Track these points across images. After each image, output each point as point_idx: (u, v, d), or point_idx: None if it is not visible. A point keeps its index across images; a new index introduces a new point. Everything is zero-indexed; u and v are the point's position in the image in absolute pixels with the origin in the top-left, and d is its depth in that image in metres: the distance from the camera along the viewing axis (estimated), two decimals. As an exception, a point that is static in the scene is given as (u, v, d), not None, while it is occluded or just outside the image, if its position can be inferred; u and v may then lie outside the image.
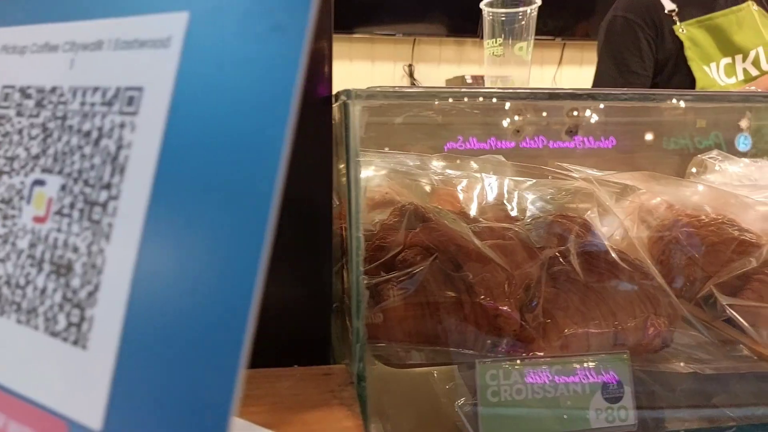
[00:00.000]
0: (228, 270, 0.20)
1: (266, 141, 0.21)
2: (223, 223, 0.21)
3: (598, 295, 0.62)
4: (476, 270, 0.61)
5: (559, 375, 0.53)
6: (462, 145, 1.69)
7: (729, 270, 0.70)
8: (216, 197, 0.21)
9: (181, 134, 0.23)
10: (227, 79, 0.22)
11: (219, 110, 0.22)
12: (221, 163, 0.21)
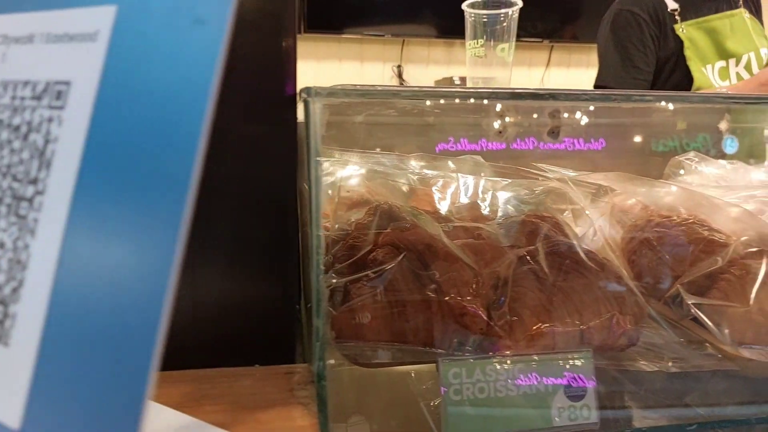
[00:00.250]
0: (144, 264, 0.20)
1: (183, 135, 0.20)
2: (140, 217, 0.21)
3: (565, 293, 0.63)
4: (444, 269, 0.61)
5: (522, 373, 0.53)
6: (453, 146, 1.70)
7: (696, 270, 0.71)
8: (135, 192, 0.21)
9: (105, 129, 0.23)
10: (151, 72, 0.22)
11: (141, 104, 0.22)
12: (141, 158, 0.21)
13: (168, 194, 0.20)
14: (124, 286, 0.21)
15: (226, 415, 0.41)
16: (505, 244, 0.69)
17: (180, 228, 0.20)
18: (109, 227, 0.22)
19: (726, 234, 0.79)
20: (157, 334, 0.20)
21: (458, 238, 0.71)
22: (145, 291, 0.20)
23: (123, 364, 0.20)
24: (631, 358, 0.64)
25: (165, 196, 0.21)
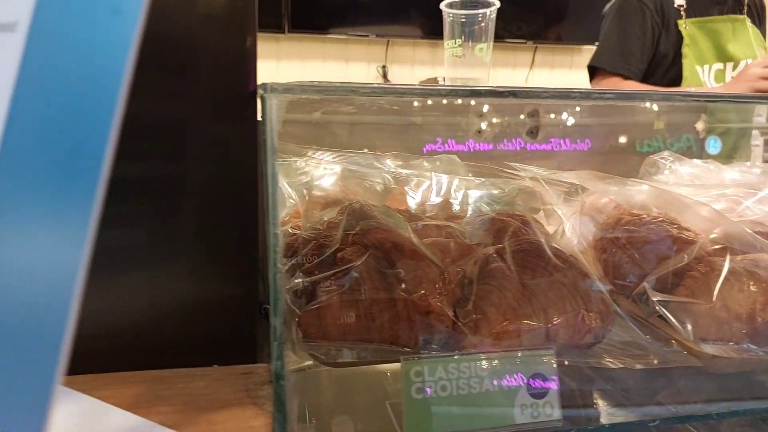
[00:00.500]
0: (54, 256, 0.20)
1: (96, 125, 0.20)
2: (54, 209, 0.20)
3: (531, 291, 0.63)
4: (409, 267, 0.61)
5: (484, 371, 0.53)
6: (441, 146, 1.70)
7: (663, 267, 0.72)
8: (49, 183, 0.21)
9: (22, 120, 0.22)
10: (69, 63, 0.22)
11: (58, 95, 0.22)
12: (57, 149, 0.21)
13: (80, 183, 0.20)
14: (33, 280, 0.20)
15: (178, 415, 0.40)
16: (474, 243, 0.70)
17: (91, 217, 0.20)
18: (22, 219, 0.21)
19: (695, 232, 0.80)
20: (64, 327, 0.20)
21: (427, 237, 0.71)
22: (54, 284, 0.20)
23: (30, 357, 0.20)
24: (597, 356, 0.65)
25: (77, 187, 0.20)
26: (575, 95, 0.71)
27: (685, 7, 1.78)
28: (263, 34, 3.73)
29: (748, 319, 0.63)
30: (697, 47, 1.80)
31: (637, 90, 1.59)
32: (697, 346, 0.62)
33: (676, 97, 0.65)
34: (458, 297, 0.64)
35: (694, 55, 1.83)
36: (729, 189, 1.10)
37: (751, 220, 0.90)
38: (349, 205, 0.81)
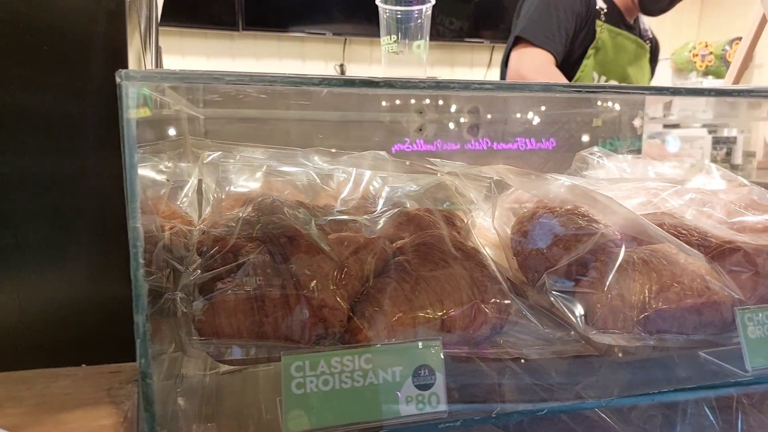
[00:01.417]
0: None
1: None
2: None
3: (428, 283, 0.63)
4: (303, 262, 0.60)
5: (369, 364, 0.53)
6: (409, 147, 1.70)
7: (565, 259, 0.73)
8: None
9: None
10: None
11: None
12: None
13: None
14: None
15: (25, 417, 0.38)
16: (380, 236, 0.69)
17: None
18: None
19: (605, 225, 0.82)
20: None
21: (333, 231, 0.70)
22: None
23: None
24: (498, 346, 0.65)
25: None
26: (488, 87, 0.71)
27: (605, 11, 1.82)
28: (216, 31, 3.67)
29: (641, 307, 0.64)
30: (605, 53, 1.84)
31: (590, 84, 1.62)
32: (589, 335, 0.63)
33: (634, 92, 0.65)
34: (357, 291, 0.63)
35: (598, 60, 1.87)
36: (651, 182, 1.13)
37: (662, 212, 0.93)
38: (259, 201, 0.80)
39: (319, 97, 1.54)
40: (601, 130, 1.79)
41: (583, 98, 1.52)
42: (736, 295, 0.67)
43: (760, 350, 0.65)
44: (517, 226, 0.89)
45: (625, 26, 1.86)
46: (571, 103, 1.64)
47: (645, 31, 1.98)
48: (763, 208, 1.05)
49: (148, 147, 0.83)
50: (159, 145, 0.85)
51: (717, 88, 0.62)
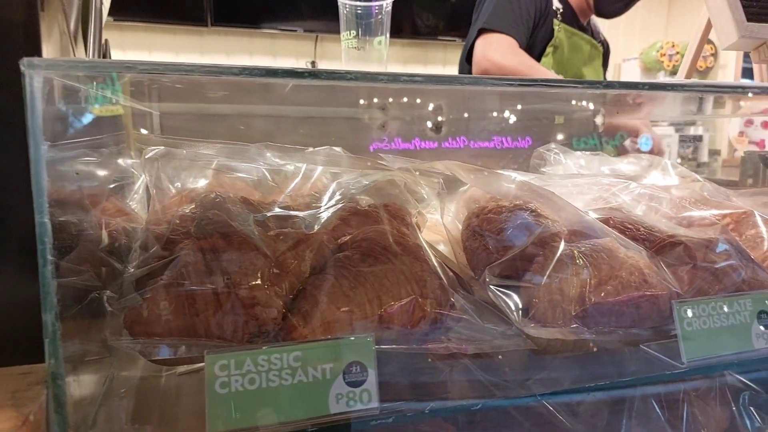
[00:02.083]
0: None
1: None
2: None
3: (367, 279, 0.62)
4: (235, 259, 0.59)
5: (298, 361, 0.52)
6: (387, 145, 1.69)
7: (508, 254, 0.73)
8: None
9: None
10: None
11: None
12: None
13: None
14: None
15: None
16: (320, 232, 0.68)
17: None
18: None
19: (552, 220, 0.82)
20: None
21: (275, 227, 0.69)
22: None
23: None
24: (437, 341, 0.65)
25: None
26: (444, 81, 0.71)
27: (561, 11, 1.84)
28: (185, 27, 3.61)
29: (579, 301, 0.65)
30: (562, 53, 1.86)
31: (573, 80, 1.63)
32: (526, 329, 0.63)
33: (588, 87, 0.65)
34: (295, 288, 0.62)
35: (556, 58, 1.89)
36: (604, 179, 1.15)
37: (611, 207, 0.94)
38: (202, 198, 0.78)
39: (282, 94, 1.52)
40: (576, 128, 1.81)
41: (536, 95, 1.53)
42: (674, 288, 0.67)
43: (695, 343, 0.66)
44: (466, 221, 0.89)
45: (579, 27, 1.88)
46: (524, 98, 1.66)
47: (597, 34, 2.01)
48: (712, 204, 1.07)
49: (86, 142, 0.81)
50: (100, 140, 0.82)
51: (650, 82, 0.62)
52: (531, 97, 1.65)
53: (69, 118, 0.63)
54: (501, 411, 0.87)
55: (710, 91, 0.56)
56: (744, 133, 4.31)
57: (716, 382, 0.97)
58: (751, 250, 0.94)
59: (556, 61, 1.83)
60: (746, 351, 0.69)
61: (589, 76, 1.92)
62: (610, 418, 0.84)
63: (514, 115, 1.78)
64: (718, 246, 0.74)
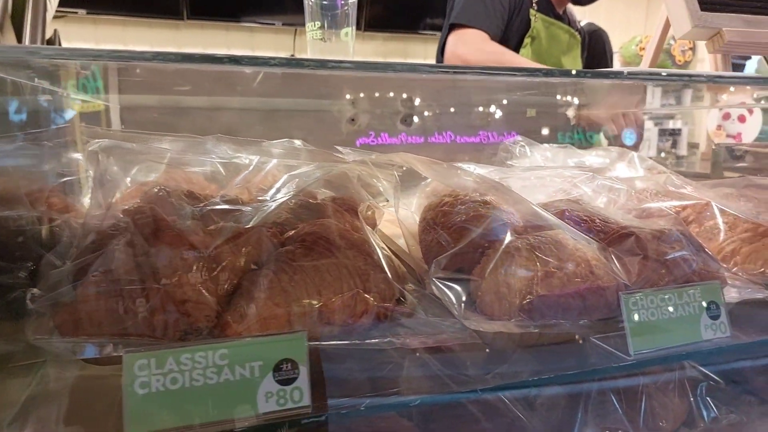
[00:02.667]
0: None
1: None
2: None
3: (307, 274, 0.60)
4: (165, 254, 0.57)
5: (224, 359, 0.50)
6: (374, 140, 1.66)
7: (456, 246, 0.71)
8: None
9: None
10: None
11: None
12: None
13: None
14: None
15: None
16: (260, 225, 0.66)
17: None
18: None
19: (507, 213, 0.81)
20: None
21: (218, 221, 0.67)
22: None
23: None
24: (381, 335, 0.63)
25: None
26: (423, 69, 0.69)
27: (537, 0, 1.82)
28: (160, 20, 3.55)
29: (524, 293, 0.63)
30: (539, 43, 1.84)
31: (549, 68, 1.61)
32: (466, 323, 0.61)
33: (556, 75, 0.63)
34: (231, 283, 0.60)
35: (534, 49, 1.87)
36: (567, 170, 1.14)
37: (568, 199, 0.93)
38: (145, 192, 0.76)
39: (247, 86, 1.49)
40: (550, 121, 1.80)
41: (507, 87, 1.52)
42: (622, 279, 0.67)
43: (643, 334, 0.65)
44: (422, 215, 0.87)
45: (556, 16, 1.87)
46: (495, 91, 1.65)
47: (574, 22, 2.00)
48: (673, 196, 1.07)
49: (30, 136, 0.78)
50: (39, 134, 0.80)
51: (593, 71, 0.61)
52: (499, 91, 1.64)
53: (7, 112, 0.60)
54: (458, 405, 0.86)
55: (653, 79, 0.55)
56: (722, 127, 4.35)
57: (675, 373, 0.97)
58: (709, 241, 0.94)
59: (534, 52, 1.82)
60: (695, 342, 0.68)
61: (567, 65, 1.91)
62: (566, 411, 0.83)
63: (500, 110, 1.77)
64: (670, 237, 0.74)
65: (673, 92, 2.04)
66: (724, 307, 0.71)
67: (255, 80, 1.53)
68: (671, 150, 4.44)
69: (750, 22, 0.83)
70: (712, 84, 1.09)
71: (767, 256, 0.85)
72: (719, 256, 0.89)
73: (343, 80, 1.52)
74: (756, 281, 0.83)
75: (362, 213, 0.79)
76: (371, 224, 0.88)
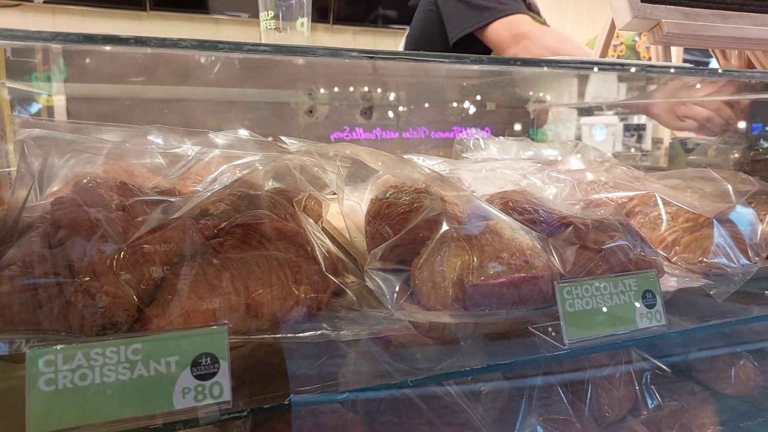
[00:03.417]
0: None
1: None
2: None
3: (235, 266, 0.59)
4: (80, 246, 0.54)
5: (137, 355, 0.48)
6: (348, 135, 1.63)
7: (394, 238, 0.71)
8: None
9: None
10: None
11: None
12: None
13: None
14: None
15: None
16: (187, 216, 0.64)
17: None
18: None
19: (450, 204, 0.81)
20: None
21: (138, 214, 0.65)
22: None
23: None
24: (313, 328, 0.62)
25: None
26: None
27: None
28: (121, 11, 3.45)
29: (459, 283, 0.63)
30: None
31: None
32: (396, 314, 0.61)
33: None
34: (154, 277, 0.58)
35: None
36: (518, 162, 1.14)
37: (514, 190, 0.93)
38: (75, 184, 0.73)
39: (203, 77, 1.46)
40: (509, 115, 1.80)
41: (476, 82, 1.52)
42: (557, 269, 0.67)
43: (577, 323, 0.65)
44: (368, 207, 0.86)
45: (527, 5, 1.87)
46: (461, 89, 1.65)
47: (539, 13, 2.01)
48: (622, 187, 1.08)
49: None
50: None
51: (523, 59, 0.61)
52: (471, 88, 1.64)
53: None
54: (404, 398, 0.86)
55: (583, 67, 0.55)
56: (684, 122, 4.46)
57: (621, 362, 0.98)
58: (653, 230, 0.95)
59: None
60: (631, 331, 0.69)
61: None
62: (510, 402, 0.84)
63: (473, 106, 1.76)
64: (608, 227, 0.74)
65: (638, 88, 2.08)
66: (660, 296, 0.72)
67: (211, 71, 1.50)
68: (636, 145, 4.54)
69: (688, 15, 0.84)
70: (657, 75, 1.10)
71: (707, 245, 0.86)
72: (661, 245, 0.90)
73: (301, 71, 1.50)
74: (695, 270, 0.85)
75: (301, 204, 0.78)
76: (315, 216, 0.86)
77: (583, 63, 0.58)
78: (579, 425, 0.85)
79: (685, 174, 1.16)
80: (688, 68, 0.74)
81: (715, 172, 1.07)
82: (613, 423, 0.95)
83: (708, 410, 1.01)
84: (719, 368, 1.03)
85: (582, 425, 0.86)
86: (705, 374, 1.04)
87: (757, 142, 1.62)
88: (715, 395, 1.03)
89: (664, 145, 4.89)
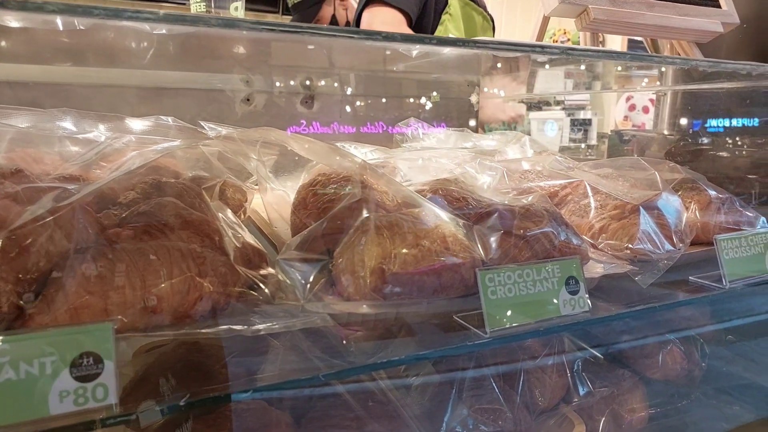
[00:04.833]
0: None
1: None
2: None
3: (131, 258, 0.54)
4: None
5: (5, 356, 0.43)
6: (305, 129, 1.56)
7: (313, 228, 0.67)
8: None
9: None
10: None
11: None
12: None
13: None
14: None
15: None
16: (76, 204, 0.59)
17: None
18: None
19: (381, 192, 0.78)
20: None
21: (34, 202, 0.59)
22: None
23: None
24: (220, 324, 0.58)
25: None
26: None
27: None
28: None
29: (378, 272, 0.60)
30: (456, 22, 1.84)
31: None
32: (307, 307, 0.58)
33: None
34: (40, 270, 0.53)
35: (450, 29, 1.86)
36: (454, 152, 1.13)
37: (446, 179, 0.91)
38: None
39: (130, 61, 1.38)
40: (453, 108, 1.79)
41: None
42: (478, 255, 0.65)
43: (500, 311, 0.64)
44: (295, 195, 0.83)
45: None
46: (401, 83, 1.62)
47: (485, 7, 2.01)
48: (556, 176, 1.08)
49: None
50: None
51: (439, 37, 0.59)
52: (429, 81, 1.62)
53: None
54: (331, 394, 0.83)
55: (506, 49, 0.54)
56: (628, 117, 4.61)
57: (553, 350, 0.98)
58: (582, 217, 0.96)
59: (451, 32, 1.80)
60: (554, 317, 0.68)
61: None
62: (439, 393, 0.82)
63: (430, 102, 1.74)
64: (533, 214, 0.73)
65: (584, 83, 2.11)
66: (584, 282, 0.71)
67: (141, 56, 1.42)
68: (582, 139, 4.66)
69: (615, 2, 0.84)
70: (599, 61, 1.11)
71: (633, 232, 0.87)
72: (589, 232, 0.90)
73: (236, 57, 1.44)
74: (621, 257, 0.85)
75: (214, 192, 0.74)
76: (235, 205, 0.82)
77: (501, 44, 0.56)
78: (510, 414, 0.85)
79: (617, 163, 1.18)
80: (606, 52, 0.73)
81: (644, 161, 1.09)
82: (546, 411, 0.95)
83: (638, 395, 1.03)
84: (648, 354, 1.05)
85: (513, 414, 0.86)
86: (635, 360, 1.05)
87: (687, 132, 1.67)
88: (644, 380, 1.05)
89: (609, 140, 5.03)
